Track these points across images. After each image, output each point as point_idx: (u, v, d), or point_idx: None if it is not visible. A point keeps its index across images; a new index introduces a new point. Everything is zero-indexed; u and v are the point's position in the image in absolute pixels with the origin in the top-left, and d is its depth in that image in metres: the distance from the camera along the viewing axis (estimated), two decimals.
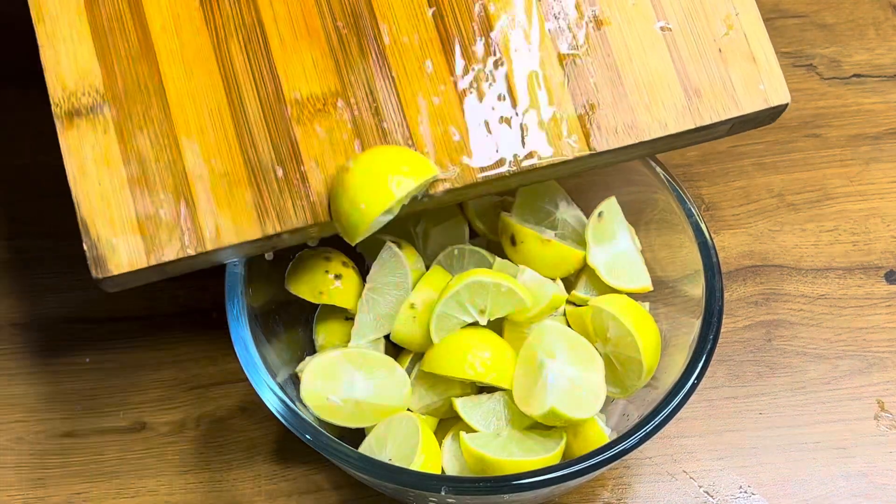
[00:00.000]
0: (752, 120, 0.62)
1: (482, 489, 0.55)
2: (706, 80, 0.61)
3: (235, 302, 0.60)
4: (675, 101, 0.60)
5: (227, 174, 0.59)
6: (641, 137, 0.60)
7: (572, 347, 0.61)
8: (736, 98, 0.61)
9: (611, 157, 0.61)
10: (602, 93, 0.60)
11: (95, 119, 0.59)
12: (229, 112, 0.60)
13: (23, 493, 0.67)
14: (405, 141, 0.60)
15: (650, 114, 0.60)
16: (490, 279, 0.63)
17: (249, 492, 0.67)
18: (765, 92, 0.61)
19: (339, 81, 0.60)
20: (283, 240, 0.60)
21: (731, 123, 0.62)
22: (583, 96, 0.60)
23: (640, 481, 0.68)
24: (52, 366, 0.72)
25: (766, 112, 0.62)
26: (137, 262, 0.58)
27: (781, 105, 0.61)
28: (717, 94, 0.60)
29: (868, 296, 0.75)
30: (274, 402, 0.58)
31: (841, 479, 0.68)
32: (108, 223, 0.58)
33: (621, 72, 0.61)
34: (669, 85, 0.61)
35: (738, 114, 0.61)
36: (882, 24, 0.89)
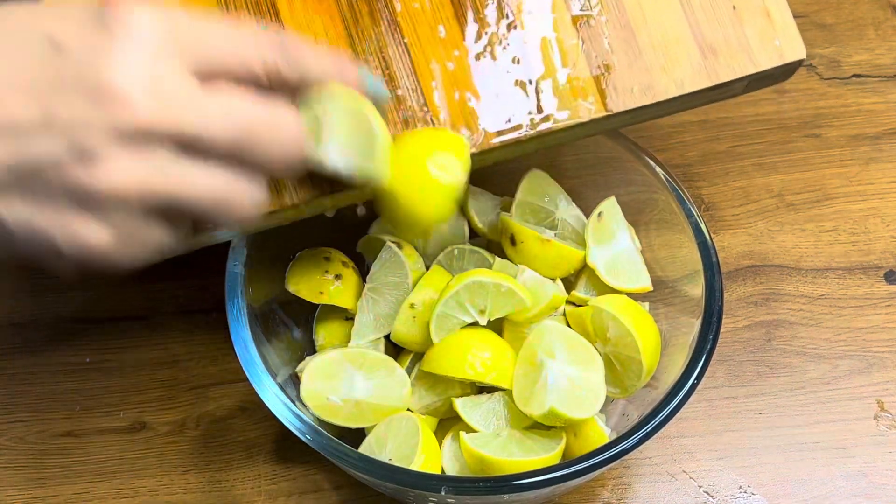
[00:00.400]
0: (768, 77, 0.61)
1: (482, 489, 0.55)
2: (721, 38, 0.60)
3: (235, 302, 0.60)
4: (690, 60, 0.59)
5: None
6: (658, 97, 0.59)
7: (572, 347, 0.61)
8: (752, 55, 0.60)
9: (628, 118, 0.61)
10: (617, 53, 0.59)
11: None
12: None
13: (23, 493, 0.67)
14: (420, 107, 0.59)
15: (666, 73, 0.59)
16: (490, 279, 0.63)
17: (249, 492, 0.67)
18: (780, 48, 0.60)
19: (352, 49, 0.59)
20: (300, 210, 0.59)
21: (748, 80, 0.61)
22: (597, 57, 0.59)
23: (639, 481, 0.68)
24: (52, 366, 0.72)
25: (782, 68, 0.60)
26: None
27: (797, 61, 0.60)
28: (733, 52, 0.59)
29: (868, 296, 0.75)
30: (274, 402, 0.57)
31: (841, 478, 0.68)
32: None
33: (636, 32, 0.60)
34: (684, 44, 0.60)
35: (754, 70, 0.60)
36: (882, 24, 0.89)
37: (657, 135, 0.83)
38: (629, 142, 0.67)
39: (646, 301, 0.67)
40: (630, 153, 0.67)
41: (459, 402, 0.62)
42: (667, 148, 0.82)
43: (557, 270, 0.67)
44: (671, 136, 0.83)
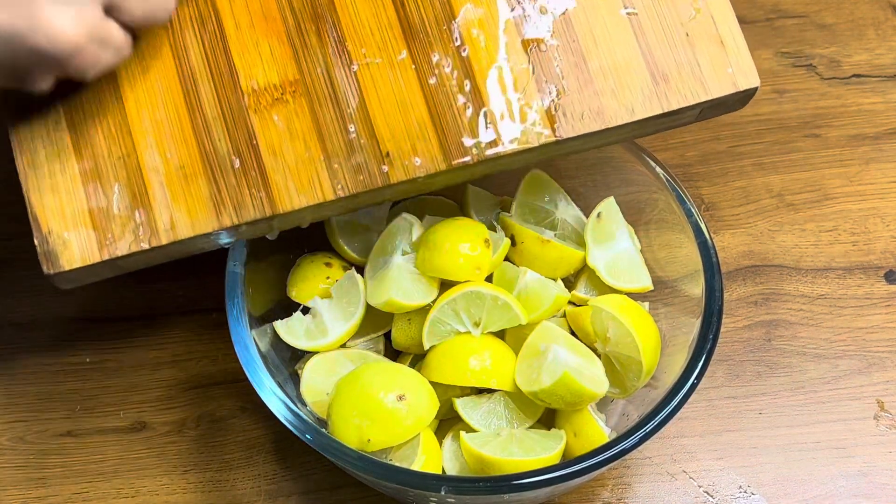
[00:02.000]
0: (721, 104, 0.61)
1: (482, 489, 0.55)
2: (673, 65, 0.59)
3: (235, 302, 0.60)
4: (641, 86, 0.59)
5: (183, 167, 0.58)
6: (608, 123, 0.59)
7: (572, 345, 0.61)
8: (704, 82, 0.59)
9: (578, 144, 0.60)
10: (568, 79, 0.59)
11: (47, 112, 0.59)
12: (184, 104, 0.59)
13: (23, 493, 0.67)
14: (366, 130, 0.58)
15: (617, 99, 0.59)
16: (488, 291, 0.63)
17: (249, 492, 0.67)
18: (733, 75, 0.59)
19: (298, 69, 0.59)
20: (241, 232, 0.59)
21: (700, 108, 0.60)
22: (548, 83, 0.59)
23: (640, 481, 0.68)
24: (52, 366, 0.72)
25: (736, 96, 0.60)
26: (90, 256, 0.57)
27: (751, 89, 0.60)
28: (685, 79, 0.59)
29: (868, 296, 0.75)
30: (274, 402, 0.57)
31: (841, 478, 0.68)
32: (59, 217, 0.58)
33: (587, 57, 0.59)
34: (636, 70, 0.59)
35: (706, 98, 0.59)
36: (882, 24, 0.89)
37: (657, 135, 0.83)
38: (629, 142, 0.67)
39: (646, 301, 0.67)
40: (630, 153, 0.67)
41: (460, 402, 0.62)
42: (667, 148, 0.82)
43: (558, 271, 0.67)
44: (671, 136, 0.83)
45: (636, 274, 0.67)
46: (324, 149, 0.58)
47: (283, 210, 0.58)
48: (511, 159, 0.59)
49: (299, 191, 0.58)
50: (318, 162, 0.58)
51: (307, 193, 0.58)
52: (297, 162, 0.58)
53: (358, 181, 0.58)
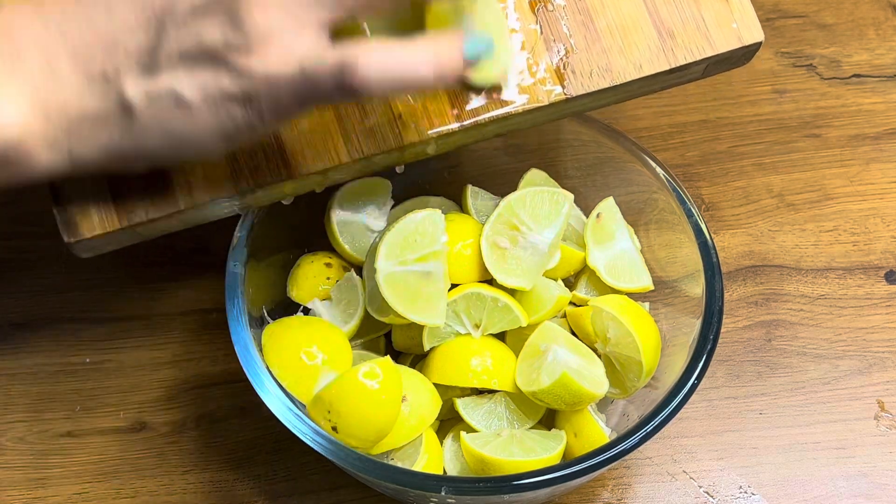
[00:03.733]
0: (726, 59, 0.61)
1: (482, 489, 0.55)
2: (678, 21, 0.60)
3: (235, 302, 0.60)
4: (648, 43, 0.60)
5: None
6: (616, 80, 0.60)
7: (573, 345, 0.61)
8: (709, 37, 0.60)
9: (588, 102, 0.61)
10: (575, 37, 0.60)
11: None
12: None
13: (23, 493, 0.67)
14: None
15: (624, 56, 0.60)
16: (489, 293, 0.63)
17: (249, 492, 0.67)
18: (738, 30, 0.60)
19: None
20: (257, 197, 0.59)
21: (706, 64, 0.61)
22: (556, 42, 0.60)
23: (640, 481, 0.68)
24: (52, 366, 0.72)
25: (740, 51, 0.61)
26: (109, 224, 0.57)
27: (755, 43, 0.61)
28: (691, 34, 0.60)
29: (868, 296, 0.75)
30: (274, 402, 0.57)
31: (841, 479, 0.68)
32: (77, 185, 0.57)
33: (593, 16, 0.60)
34: (642, 27, 0.60)
35: (711, 53, 0.60)
36: (882, 24, 0.89)
37: (657, 135, 0.83)
38: (629, 142, 0.67)
39: (646, 301, 0.67)
40: (630, 153, 0.67)
41: (461, 402, 0.62)
42: (667, 148, 0.82)
43: (558, 271, 0.67)
44: (671, 136, 0.83)
45: (636, 274, 0.67)
46: (337, 113, 0.59)
47: (299, 173, 0.58)
48: (522, 118, 0.60)
49: (314, 154, 0.58)
50: (332, 125, 0.59)
51: (322, 157, 0.58)
52: (311, 126, 0.59)
53: (371, 143, 0.59)
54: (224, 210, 0.60)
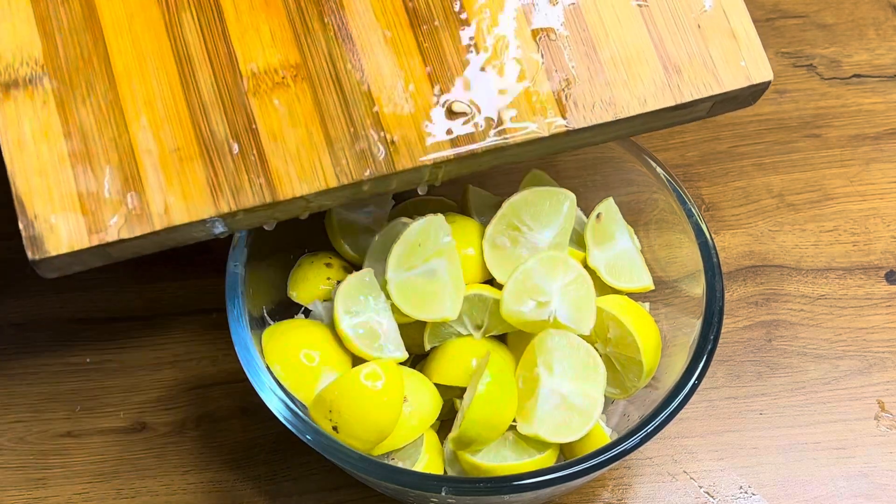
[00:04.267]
0: (733, 98, 0.60)
1: (483, 490, 0.55)
2: (685, 57, 0.59)
3: (235, 302, 0.60)
4: (653, 78, 0.58)
5: (178, 149, 0.56)
6: (619, 115, 0.58)
7: (574, 358, 0.61)
8: (717, 75, 0.59)
9: (589, 136, 0.59)
10: (578, 69, 0.58)
11: (35, 91, 0.56)
12: (180, 85, 0.57)
13: (23, 494, 0.67)
14: (371, 117, 0.57)
15: (628, 90, 0.58)
16: (491, 295, 0.63)
17: (249, 492, 0.67)
18: (746, 69, 0.59)
19: (299, 54, 0.58)
20: (237, 221, 0.57)
21: (713, 102, 0.60)
22: (558, 72, 0.58)
23: (640, 482, 0.68)
24: (52, 366, 0.72)
25: (748, 90, 0.59)
26: (78, 242, 0.54)
27: (764, 83, 0.59)
28: (698, 71, 0.58)
29: (868, 296, 0.75)
30: (274, 402, 0.57)
31: (841, 479, 0.68)
32: (46, 200, 0.55)
33: (597, 47, 0.58)
34: (648, 61, 0.58)
35: (719, 91, 0.59)
36: (882, 24, 0.89)
37: (657, 135, 0.83)
38: (629, 142, 0.67)
39: (646, 301, 0.67)
40: (630, 153, 0.67)
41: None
42: (667, 148, 0.82)
43: None
44: (671, 136, 0.83)
45: (636, 274, 0.67)
46: (326, 135, 0.57)
47: (284, 197, 0.56)
48: (520, 150, 0.58)
49: (301, 177, 0.56)
50: (321, 148, 0.56)
51: (309, 180, 0.56)
52: (299, 147, 0.56)
53: (362, 168, 0.56)
54: (202, 233, 0.57)
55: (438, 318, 0.61)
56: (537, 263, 0.61)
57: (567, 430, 0.59)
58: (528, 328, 0.61)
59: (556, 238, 0.65)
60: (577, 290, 0.61)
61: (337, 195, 0.57)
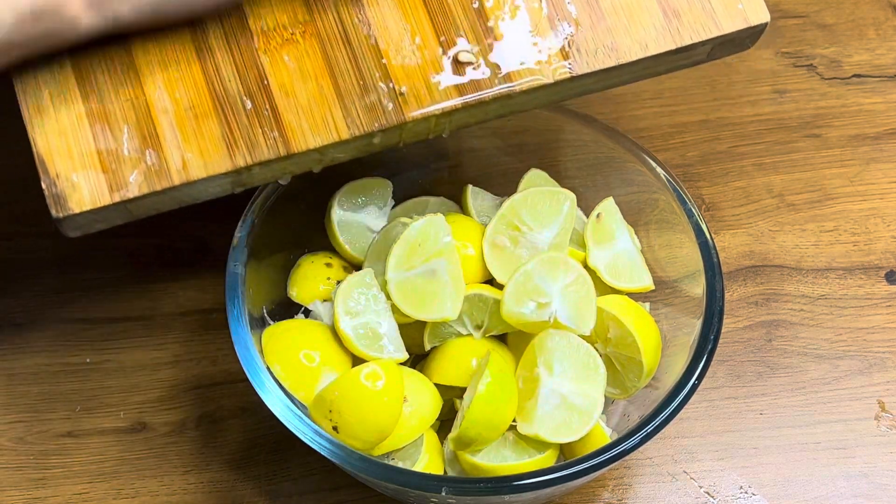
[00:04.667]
0: (731, 41, 0.61)
1: (483, 490, 0.55)
2: (684, 1, 0.60)
3: (235, 302, 0.60)
4: (654, 23, 0.60)
5: (193, 107, 0.57)
6: (622, 59, 0.60)
7: (574, 358, 0.61)
8: (715, 18, 0.60)
9: (592, 82, 0.61)
10: (580, 16, 0.60)
11: (50, 55, 0.57)
12: (192, 45, 0.58)
13: (23, 494, 0.67)
14: (380, 70, 0.58)
15: (630, 36, 0.60)
16: (491, 295, 0.63)
17: (250, 492, 0.67)
18: (744, 11, 0.60)
19: (307, 10, 0.59)
20: (253, 174, 0.58)
21: (712, 45, 0.61)
22: (561, 20, 0.60)
23: (640, 482, 0.68)
24: (52, 366, 0.72)
25: (746, 32, 0.61)
26: (100, 199, 0.56)
27: (761, 24, 0.61)
28: (696, 15, 0.60)
29: (868, 296, 0.75)
30: (274, 403, 0.57)
31: (842, 479, 0.68)
32: (67, 159, 0.56)
33: None
34: (647, 6, 0.60)
35: (717, 34, 0.60)
36: (882, 24, 0.89)
37: (657, 135, 0.83)
38: (629, 142, 0.67)
39: (646, 301, 0.67)
40: (630, 153, 0.67)
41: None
42: (667, 148, 0.82)
43: None
44: (671, 136, 0.83)
45: (637, 274, 0.67)
46: (336, 88, 0.58)
47: (298, 149, 0.57)
48: (525, 97, 0.60)
49: (313, 130, 0.58)
50: (332, 101, 0.58)
51: (321, 133, 0.58)
52: (310, 101, 0.58)
53: (372, 119, 0.58)
54: (219, 188, 0.58)
55: (438, 318, 0.61)
56: (537, 264, 0.61)
57: (567, 431, 0.59)
58: (528, 329, 0.61)
59: (557, 238, 0.65)
60: (578, 290, 0.61)
61: (349, 147, 0.59)
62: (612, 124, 0.68)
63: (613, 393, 0.63)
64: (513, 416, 0.60)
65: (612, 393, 0.63)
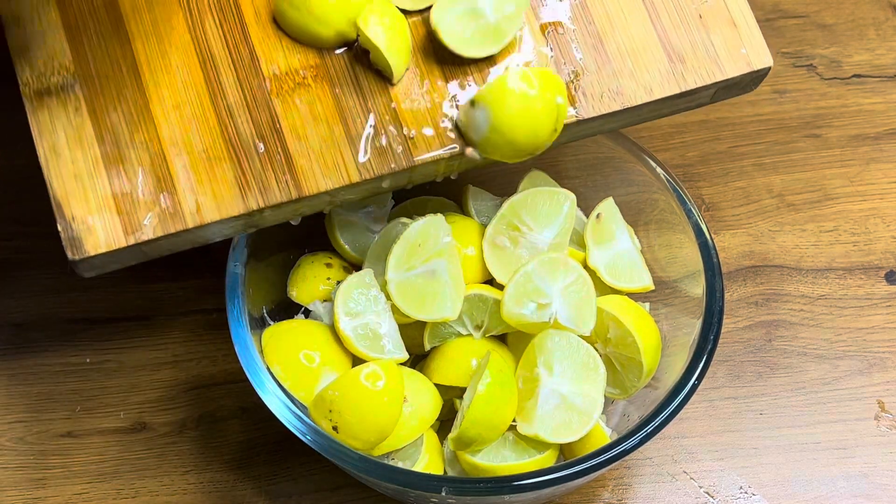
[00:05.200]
0: (735, 85, 0.62)
1: (483, 490, 0.55)
2: (688, 46, 0.61)
3: (235, 302, 0.60)
4: (658, 67, 0.60)
5: (207, 150, 0.58)
6: (627, 103, 0.60)
7: (574, 358, 0.61)
8: (719, 62, 0.61)
9: (598, 125, 0.61)
10: (586, 61, 0.60)
11: (66, 98, 0.58)
12: (206, 89, 0.59)
13: (23, 494, 0.67)
14: (390, 114, 0.59)
15: (635, 80, 0.60)
16: (491, 295, 0.63)
17: (249, 492, 0.67)
18: (747, 56, 0.61)
19: (318, 55, 0.60)
20: (265, 216, 0.59)
21: (716, 88, 0.62)
22: (567, 65, 0.60)
23: (640, 482, 0.68)
24: (52, 366, 0.72)
25: (749, 76, 0.62)
26: (115, 241, 0.57)
27: (764, 69, 0.61)
28: (700, 59, 0.61)
29: (868, 296, 0.75)
30: (274, 403, 0.57)
31: (841, 479, 0.68)
32: (83, 202, 0.57)
33: (603, 39, 0.61)
34: (652, 51, 0.61)
35: (721, 78, 0.61)
36: (882, 24, 0.89)
37: (657, 135, 0.83)
38: (629, 142, 0.67)
39: (646, 301, 0.67)
40: (630, 153, 0.67)
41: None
42: (667, 148, 0.82)
43: None
44: (671, 136, 0.83)
45: (637, 274, 0.67)
46: (347, 132, 0.59)
47: (309, 192, 0.58)
48: None
49: (325, 173, 0.58)
50: (343, 144, 0.59)
51: (332, 176, 0.58)
52: (322, 145, 0.58)
53: (383, 162, 0.58)
54: (231, 230, 0.59)
55: (439, 318, 0.61)
56: (538, 265, 0.61)
57: (567, 431, 0.59)
58: (528, 329, 0.61)
59: (557, 238, 0.65)
60: (578, 291, 0.61)
61: (359, 189, 0.59)
62: None
63: (613, 393, 0.63)
64: (513, 416, 0.60)
65: (612, 393, 0.63)
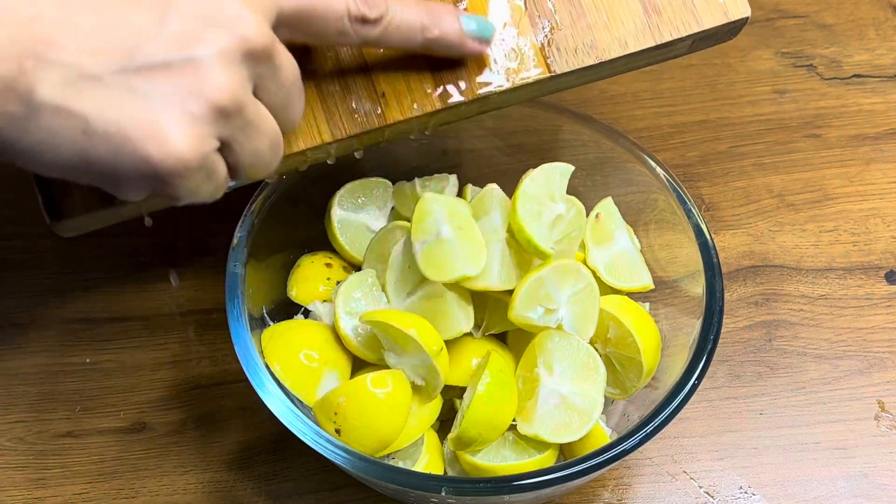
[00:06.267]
0: (712, 36, 0.61)
1: (483, 490, 0.55)
2: None
3: (235, 302, 0.60)
4: (634, 19, 0.59)
5: None
6: (602, 57, 0.59)
7: (574, 358, 0.61)
8: (695, 13, 0.60)
9: (572, 79, 0.60)
10: (560, 13, 0.59)
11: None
12: None
13: (23, 494, 0.67)
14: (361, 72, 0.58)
15: (609, 33, 0.59)
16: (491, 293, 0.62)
17: (249, 492, 0.67)
18: (724, 6, 0.60)
19: None
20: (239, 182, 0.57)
21: (692, 40, 0.60)
22: (541, 18, 0.59)
23: (640, 482, 0.68)
24: (52, 366, 0.72)
25: (727, 27, 0.60)
26: (92, 203, 0.56)
27: (741, 19, 0.60)
28: (677, 10, 0.59)
29: (868, 296, 0.75)
30: (274, 403, 0.57)
31: (841, 479, 0.68)
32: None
33: None
34: (627, 3, 0.60)
35: (698, 29, 0.59)
36: (882, 25, 0.89)
37: (657, 135, 0.83)
38: (629, 142, 0.67)
39: (646, 301, 0.67)
40: (630, 153, 0.67)
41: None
42: (667, 148, 0.82)
43: None
44: (671, 136, 0.83)
45: (636, 273, 0.67)
46: (319, 92, 0.58)
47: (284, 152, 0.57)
48: (505, 96, 0.59)
49: (298, 134, 0.58)
50: (315, 105, 0.58)
51: (305, 136, 0.58)
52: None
53: (354, 122, 0.58)
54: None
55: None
56: (550, 271, 0.61)
57: (567, 431, 0.59)
58: (530, 329, 0.61)
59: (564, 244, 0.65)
60: (585, 299, 0.61)
61: (332, 149, 0.59)
62: (611, 124, 0.68)
63: (613, 393, 0.63)
64: (513, 416, 0.60)
65: (611, 393, 0.63)
